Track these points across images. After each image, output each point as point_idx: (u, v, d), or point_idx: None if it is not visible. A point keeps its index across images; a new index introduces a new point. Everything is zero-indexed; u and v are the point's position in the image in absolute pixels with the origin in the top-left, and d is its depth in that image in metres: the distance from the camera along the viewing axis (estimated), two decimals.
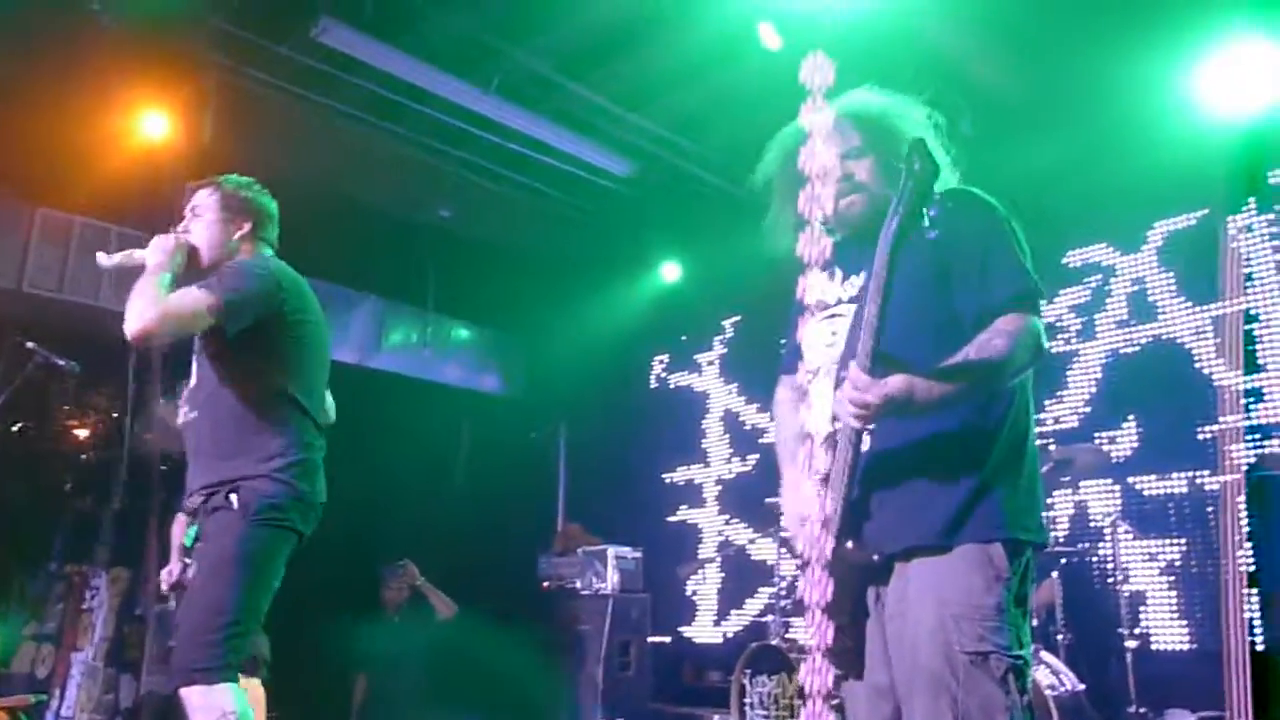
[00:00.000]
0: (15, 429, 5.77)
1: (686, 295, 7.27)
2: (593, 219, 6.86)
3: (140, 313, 2.55)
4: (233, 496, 2.62)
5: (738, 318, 7.23)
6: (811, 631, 1.99)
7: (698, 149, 6.06)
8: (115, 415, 6.26)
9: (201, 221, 2.97)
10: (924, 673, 1.87)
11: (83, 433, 6.65)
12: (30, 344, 3.86)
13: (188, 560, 3.55)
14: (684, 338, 7.59)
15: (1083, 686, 4.08)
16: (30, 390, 4.07)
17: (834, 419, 2.01)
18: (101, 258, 2.96)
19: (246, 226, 3.06)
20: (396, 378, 7.12)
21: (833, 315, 2.18)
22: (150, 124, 5.20)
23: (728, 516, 6.94)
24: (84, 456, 6.58)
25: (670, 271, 7.29)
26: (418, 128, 5.76)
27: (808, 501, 2.16)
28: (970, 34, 4.61)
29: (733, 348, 7.27)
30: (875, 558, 1.97)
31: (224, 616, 2.49)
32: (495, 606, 6.47)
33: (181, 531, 4.36)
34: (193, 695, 2.43)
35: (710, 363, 7.40)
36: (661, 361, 7.76)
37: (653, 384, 7.79)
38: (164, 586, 4.17)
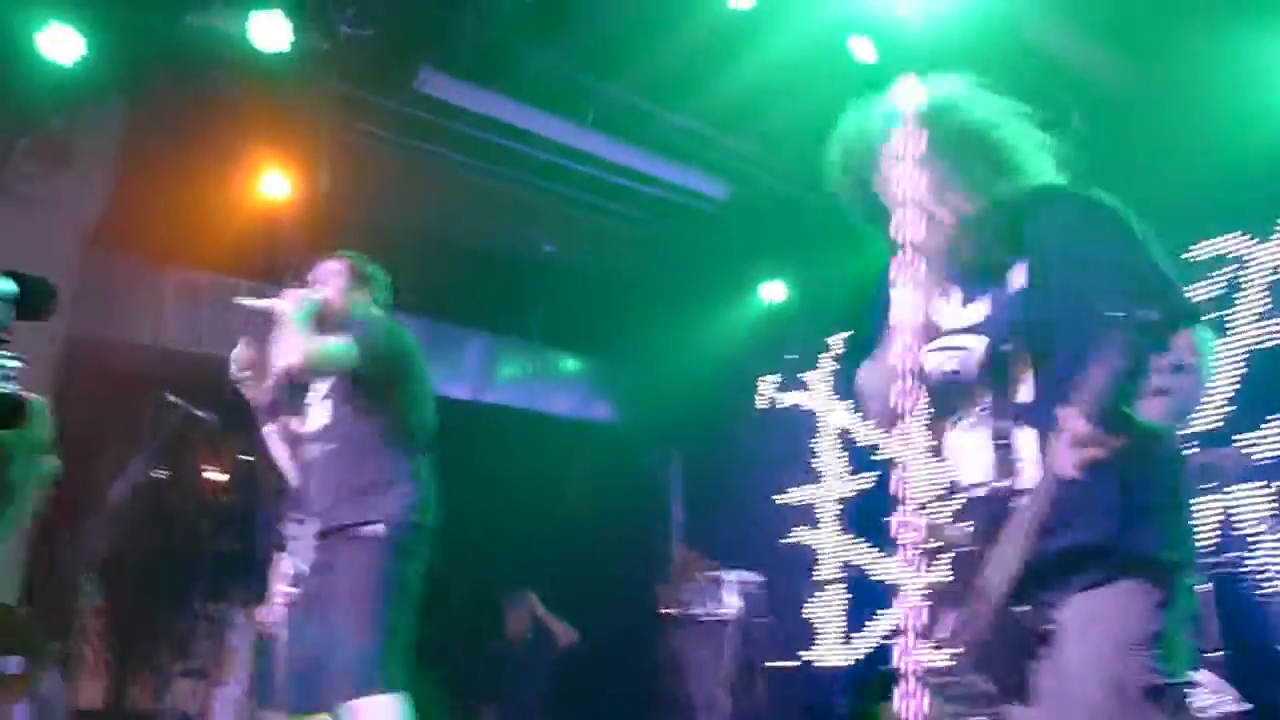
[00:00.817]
0: (158, 478, 6.03)
1: (791, 314, 7.15)
2: (693, 244, 6.83)
3: (289, 351, 2.90)
4: (377, 528, 2.92)
5: (846, 333, 7.08)
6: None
7: (793, 167, 5.97)
8: (249, 459, 6.50)
9: (331, 286, 3.40)
10: (1088, 710, 1.75)
11: (219, 478, 6.90)
12: (172, 398, 4.04)
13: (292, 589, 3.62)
14: (791, 357, 7.46)
15: (1248, 706, 3.80)
16: (171, 441, 4.24)
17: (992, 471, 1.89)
18: (244, 300, 3.27)
19: (366, 292, 3.55)
20: (508, 410, 7.20)
21: (954, 349, 2.01)
22: (271, 183, 5.41)
23: (847, 537, 6.76)
24: (221, 500, 6.83)
25: (774, 291, 7.20)
26: (518, 166, 5.84)
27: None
28: (1073, 25, 4.42)
29: (842, 364, 7.11)
30: (1048, 628, 1.84)
31: (381, 635, 2.77)
32: (615, 634, 6.46)
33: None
34: (368, 706, 2.65)
35: (820, 381, 7.25)
36: (770, 382, 7.65)
37: (762, 405, 7.68)
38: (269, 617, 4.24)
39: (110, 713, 6.78)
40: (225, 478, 6.93)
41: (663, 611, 6.32)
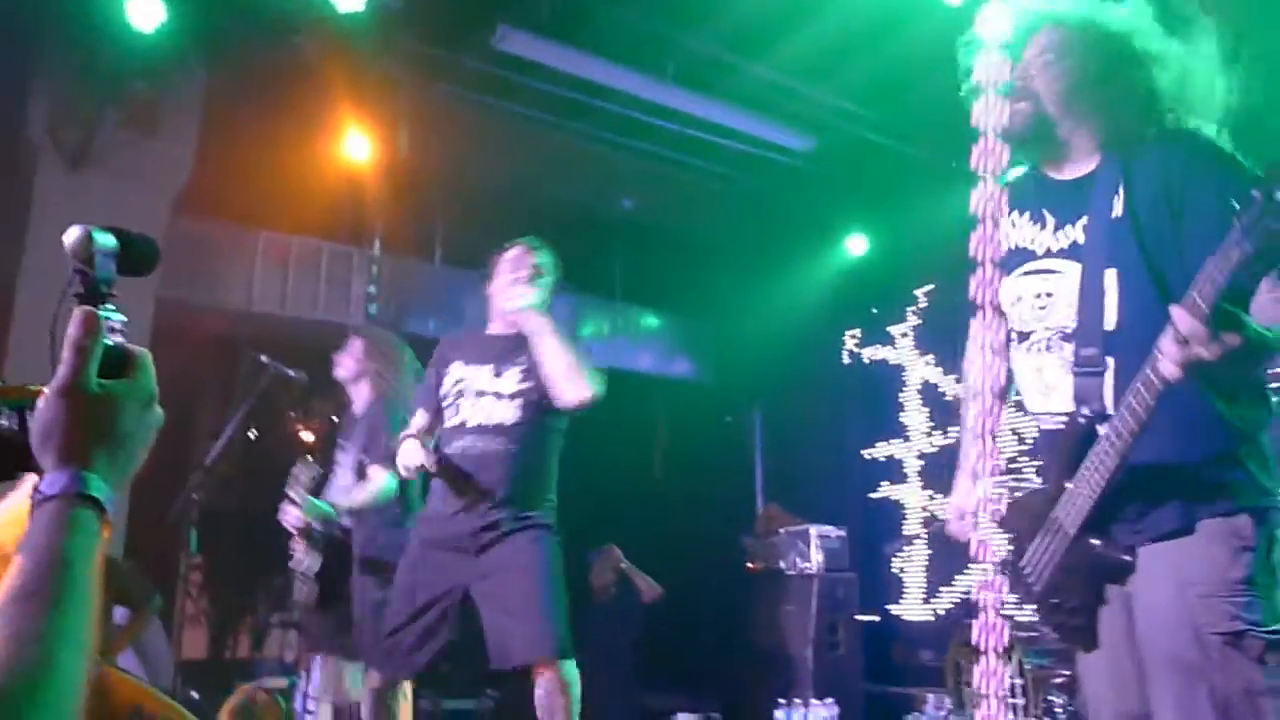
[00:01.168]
0: (252, 436, 6.25)
1: (875, 267, 7.06)
2: (775, 198, 6.76)
3: (585, 382, 3.21)
4: (549, 517, 3.27)
5: (930, 286, 6.96)
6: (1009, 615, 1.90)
7: (879, 117, 5.85)
8: (336, 419, 6.70)
9: (545, 283, 3.53)
10: (1170, 660, 1.73)
11: (309, 436, 7.13)
12: (264, 358, 4.18)
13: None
14: (875, 310, 7.38)
15: None
16: (263, 401, 4.40)
17: (1076, 400, 1.86)
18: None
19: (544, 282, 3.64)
20: (591, 369, 7.25)
21: (1042, 271, 1.98)
22: (352, 145, 5.50)
23: (931, 492, 6.71)
24: (311, 458, 7.07)
25: (857, 244, 7.11)
26: (597, 122, 5.84)
27: (971, 498, 2.13)
28: None
29: (927, 318, 7.00)
30: (1125, 558, 1.82)
31: (564, 606, 3.10)
32: (700, 588, 6.54)
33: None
34: (561, 668, 2.98)
35: (904, 334, 7.16)
36: (854, 336, 7.57)
37: (845, 360, 7.62)
38: None
39: (212, 662, 7.13)
40: (313, 437, 7.17)
41: (748, 566, 6.38)
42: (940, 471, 6.62)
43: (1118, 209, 1.88)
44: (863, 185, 6.50)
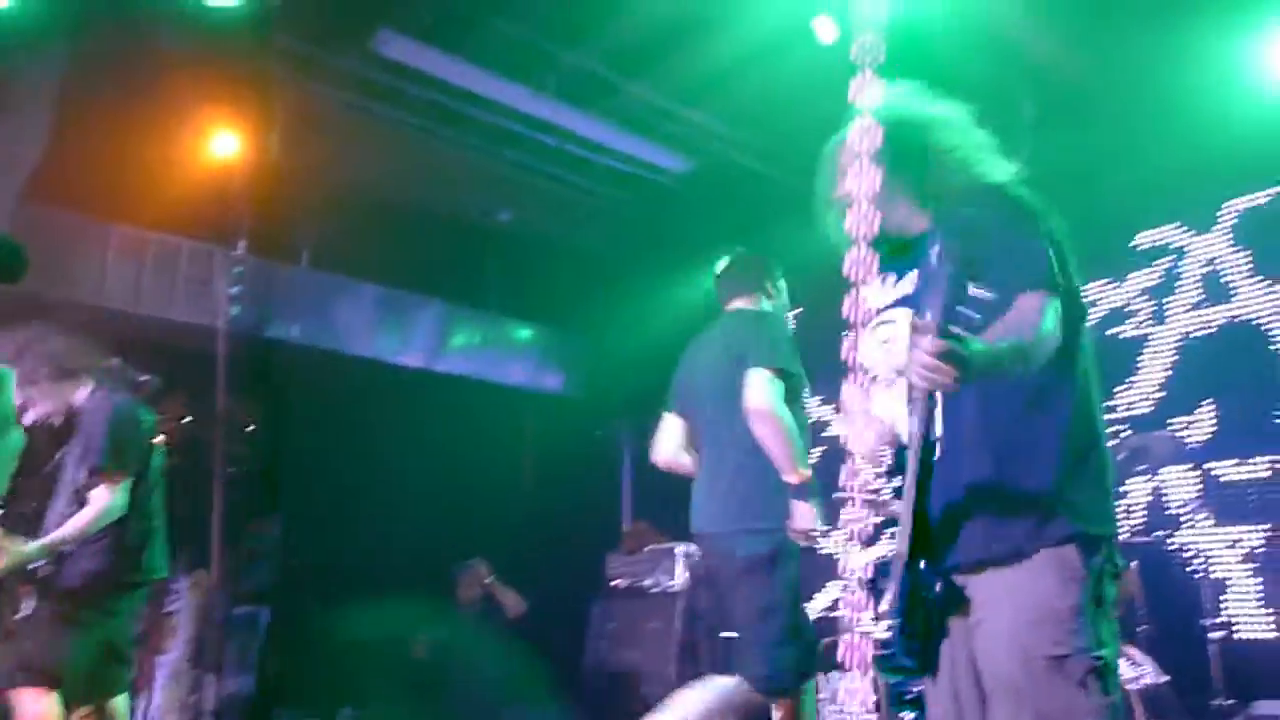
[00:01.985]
0: None
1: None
2: (650, 216, 6.94)
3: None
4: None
5: (798, 310, 7.24)
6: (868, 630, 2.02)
7: (754, 142, 6.11)
8: (188, 421, 6.50)
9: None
10: (1003, 682, 1.88)
11: (160, 440, 6.89)
12: (114, 360, 4.05)
13: None
14: None
15: (1166, 678, 4.06)
16: None
17: (910, 436, 2.02)
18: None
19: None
20: (462, 380, 7.28)
21: (885, 322, 2.22)
22: (219, 142, 5.40)
23: None
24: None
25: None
26: (477, 133, 5.90)
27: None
28: (1032, 16, 4.60)
29: (795, 341, 7.27)
30: (954, 578, 1.99)
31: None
32: (565, 605, 6.60)
33: None
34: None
35: None
36: None
37: None
38: None
39: None
40: (165, 439, 6.93)
41: (612, 583, 6.47)
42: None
43: (934, 259, 2.09)
44: (735, 208, 6.73)
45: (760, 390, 3.38)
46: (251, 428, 5.83)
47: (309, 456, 6.27)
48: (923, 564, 1.96)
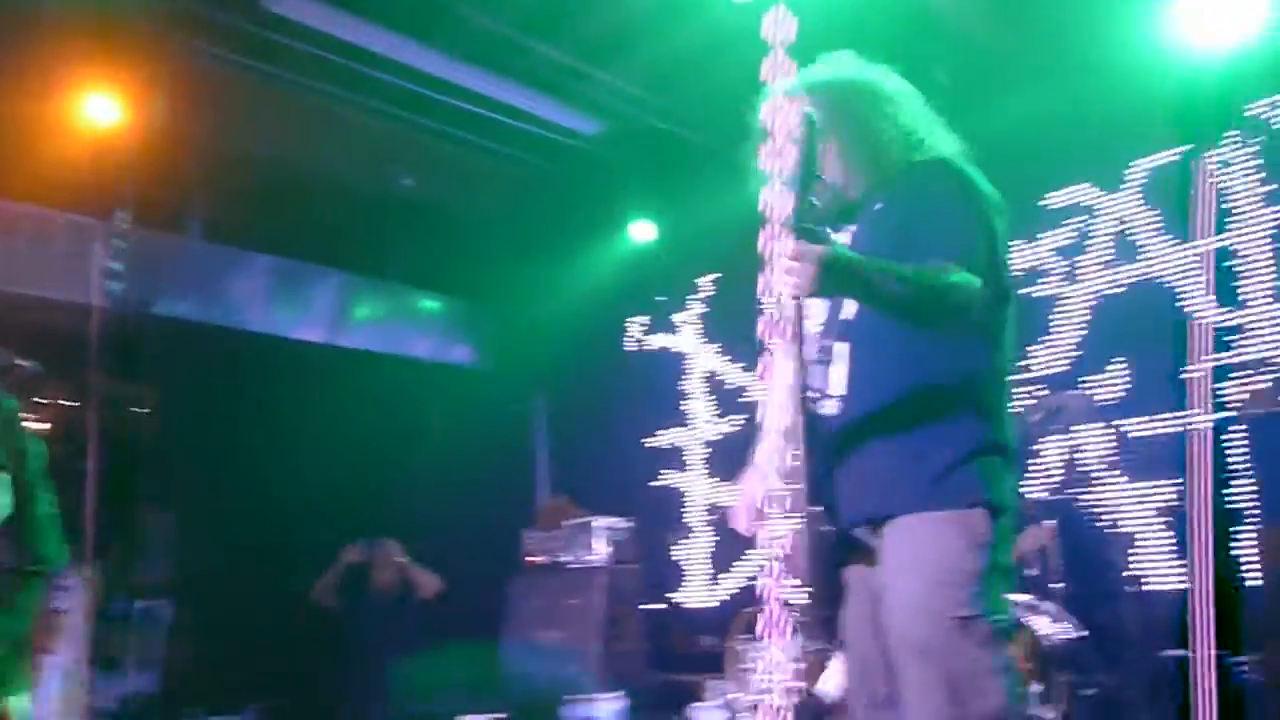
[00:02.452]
0: None
1: (661, 255, 7.33)
2: (562, 181, 6.91)
3: None
4: None
5: (716, 275, 7.32)
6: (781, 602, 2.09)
7: (667, 103, 6.11)
8: (75, 406, 6.29)
9: None
10: (910, 641, 1.97)
11: (41, 427, 6.65)
12: None
13: None
14: (661, 298, 7.67)
15: (1085, 633, 4.26)
16: None
17: (814, 389, 2.10)
18: None
19: None
20: (365, 354, 7.18)
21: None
22: (99, 106, 5.19)
23: (715, 479, 7.08)
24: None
25: (643, 231, 7.35)
26: (377, 95, 5.77)
27: (756, 492, 2.42)
28: None
29: (712, 306, 7.37)
30: (854, 531, 2.07)
31: None
32: (481, 585, 6.61)
33: None
34: None
35: (689, 323, 7.50)
36: (638, 324, 7.84)
37: (630, 347, 7.87)
38: None
39: None
40: (48, 427, 6.69)
41: (527, 560, 6.49)
42: (723, 459, 7.00)
43: (874, 223, 2.18)
44: (648, 172, 6.74)
45: None
46: (145, 410, 5.67)
47: (204, 439, 6.13)
48: (826, 525, 2.02)
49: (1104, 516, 4.96)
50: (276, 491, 6.16)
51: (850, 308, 2.13)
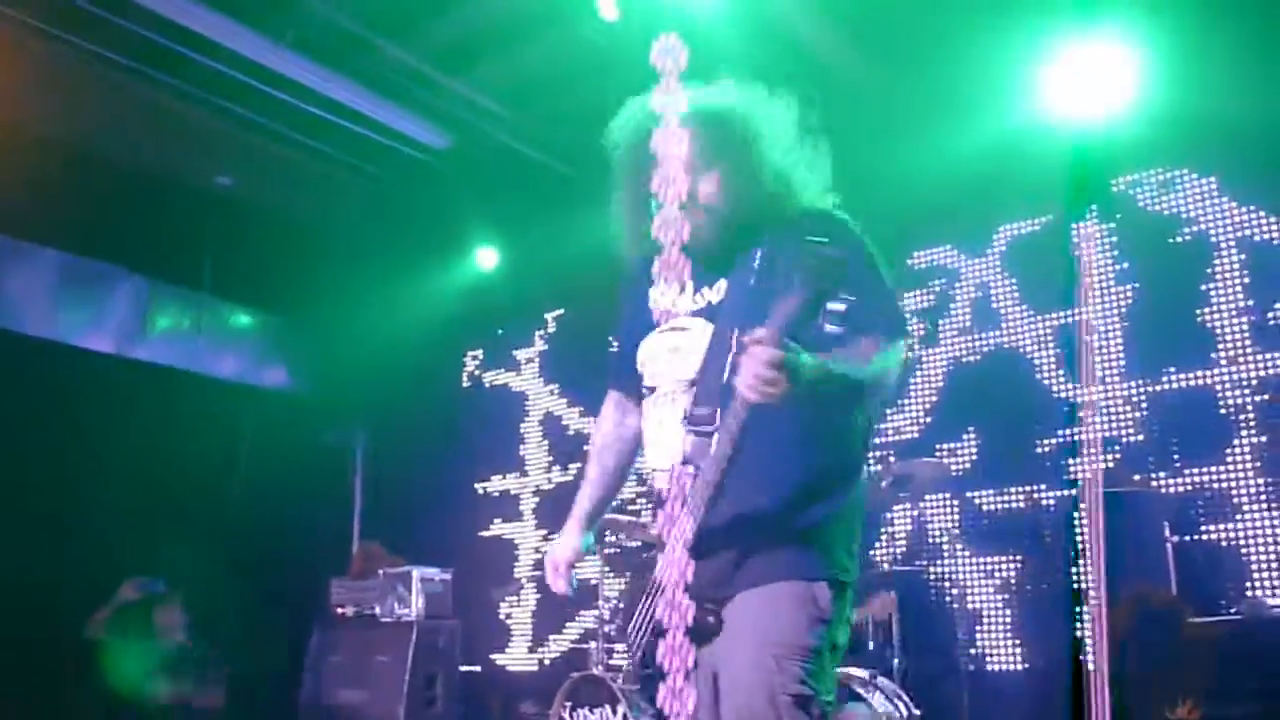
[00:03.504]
0: None
1: (504, 284, 7.25)
2: (400, 195, 6.78)
3: None
4: None
5: (560, 311, 7.28)
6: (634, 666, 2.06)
7: (522, 121, 6.06)
8: None
9: None
10: (745, 713, 1.97)
11: None
12: None
13: None
14: (501, 331, 7.58)
15: (919, 712, 4.33)
16: None
17: (684, 458, 2.08)
18: None
19: None
20: (163, 370, 6.85)
21: (677, 329, 2.23)
22: None
23: (546, 531, 6.98)
24: None
25: (487, 257, 7.26)
26: (195, 81, 5.53)
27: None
28: (821, 21, 4.81)
29: (555, 344, 7.31)
30: (708, 612, 2.05)
31: None
32: (282, 636, 6.32)
33: None
34: None
35: (529, 360, 7.42)
36: (475, 358, 7.72)
37: (465, 383, 7.74)
38: None
39: None
40: None
41: (337, 611, 6.25)
42: (557, 510, 6.90)
43: (753, 279, 2.16)
44: (497, 193, 6.67)
45: None
46: None
47: None
48: (677, 593, 2.01)
49: (948, 590, 5.09)
50: (49, 521, 5.78)
51: (729, 372, 2.07)
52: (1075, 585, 4.84)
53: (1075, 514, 4.97)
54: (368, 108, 5.79)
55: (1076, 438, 5.08)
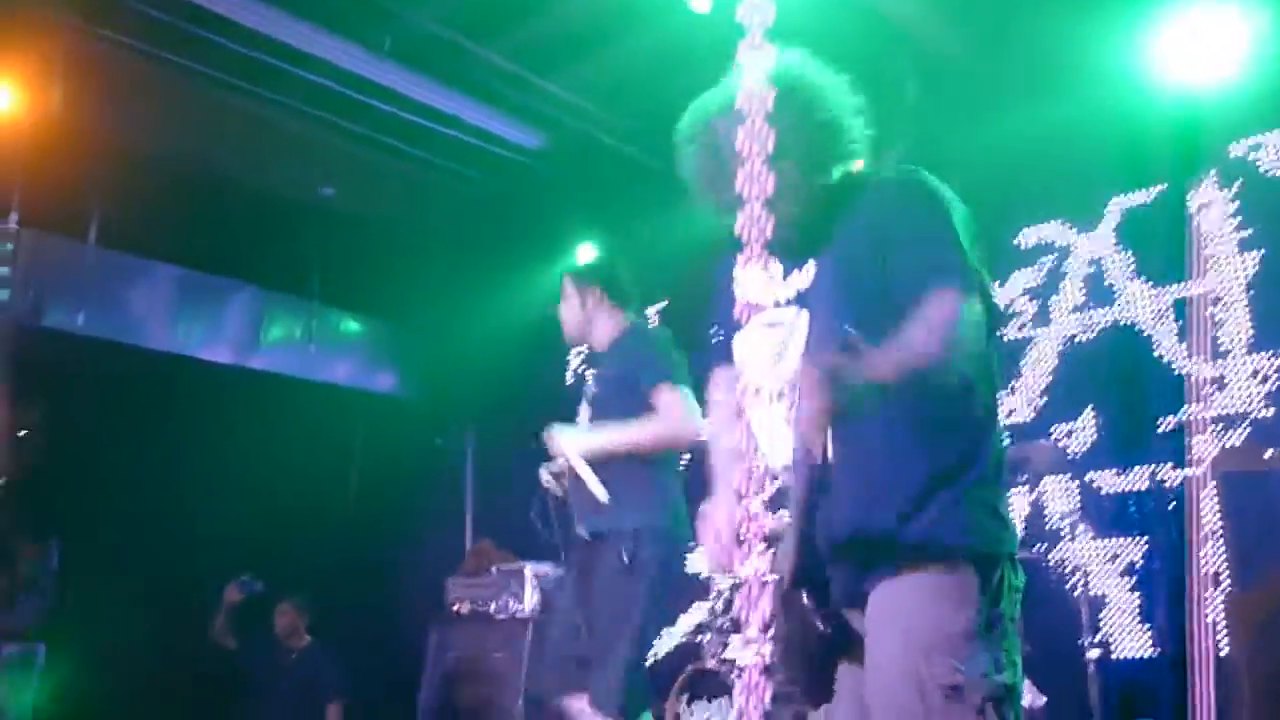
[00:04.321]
0: None
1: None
2: (499, 197, 6.87)
3: None
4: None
5: (662, 304, 7.30)
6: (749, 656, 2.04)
7: (617, 119, 6.11)
8: None
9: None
10: (896, 711, 1.94)
11: None
12: None
13: None
14: None
15: (1043, 700, 4.26)
16: None
17: (798, 452, 2.07)
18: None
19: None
20: (277, 378, 7.07)
21: (774, 324, 2.22)
22: None
23: None
24: None
25: (587, 255, 7.33)
26: (299, 95, 5.70)
27: (727, 519, 2.22)
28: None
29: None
30: (823, 627, 2.04)
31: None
32: (398, 634, 6.49)
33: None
34: None
35: None
36: (579, 356, 7.79)
37: (569, 380, 7.82)
38: None
39: None
40: None
41: (453, 610, 6.38)
42: None
43: (834, 260, 2.15)
44: (594, 190, 6.72)
45: None
46: (23, 433, 5.51)
47: (94, 467, 5.97)
48: (805, 589, 2.01)
49: (1069, 575, 4.99)
50: (173, 526, 6.03)
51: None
52: (1204, 569, 4.70)
53: (1202, 495, 4.83)
54: (463, 112, 5.91)
55: (1201, 415, 4.93)
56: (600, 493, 3.38)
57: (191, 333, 6.72)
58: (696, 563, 6.34)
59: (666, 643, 6.77)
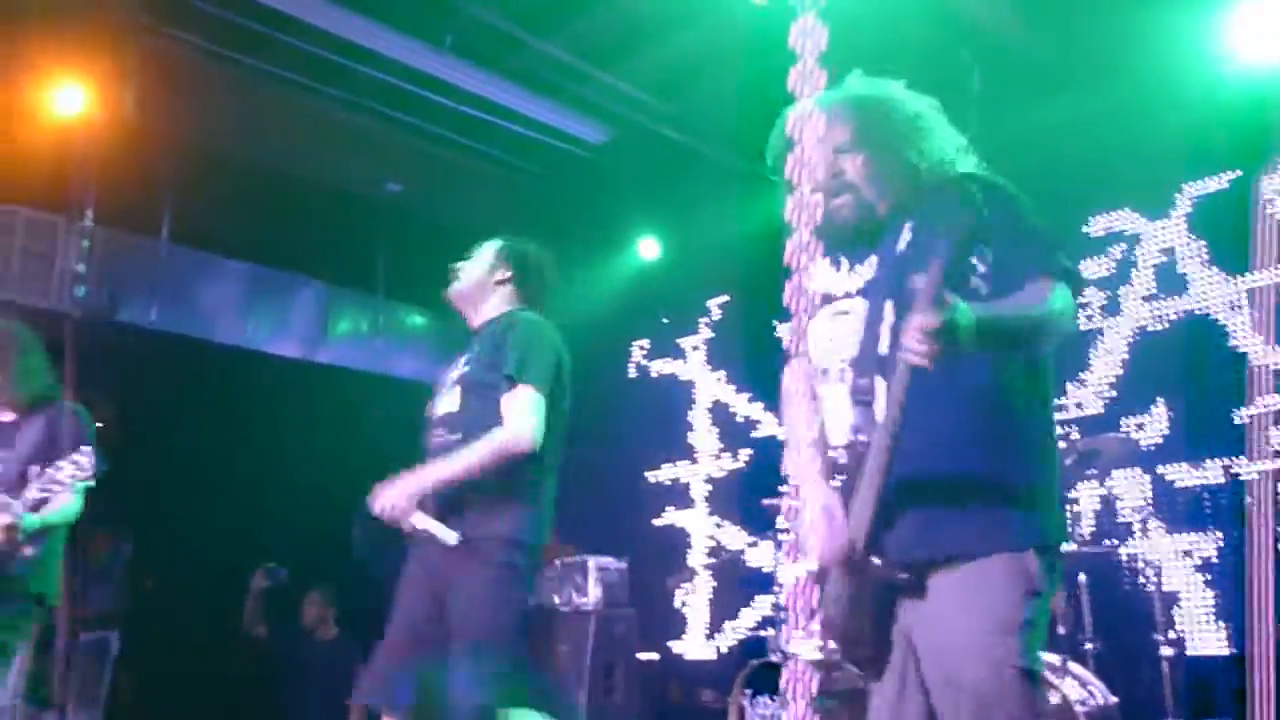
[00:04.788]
0: None
1: (667, 274, 7.33)
2: (561, 191, 6.92)
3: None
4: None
5: (725, 298, 7.31)
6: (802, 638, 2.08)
7: (678, 112, 6.12)
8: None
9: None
10: (969, 692, 1.97)
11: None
12: None
13: None
14: (666, 320, 7.65)
15: (1115, 699, 4.20)
16: None
17: (854, 430, 2.12)
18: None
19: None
20: (344, 372, 7.17)
21: (839, 313, 2.31)
22: (64, 95, 5.22)
23: (719, 519, 7.03)
24: None
25: (649, 248, 7.35)
26: (363, 92, 5.81)
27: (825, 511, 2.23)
28: None
29: (720, 330, 7.35)
30: (902, 576, 2.06)
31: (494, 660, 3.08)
32: None
33: None
34: None
35: (695, 348, 7.48)
36: (641, 348, 7.82)
37: (632, 373, 7.85)
38: None
39: None
40: None
41: None
42: (728, 497, 6.96)
43: (902, 246, 2.20)
44: (656, 184, 6.74)
45: None
46: (98, 425, 5.66)
47: (166, 459, 6.10)
48: (874, 559, 2.04)
49: (1141, 571, 4.91)
50: (242, 517, 6.14)
51: (886, 341, 2.14)
52: (1268, 565, 4.60)
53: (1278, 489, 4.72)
54: (526, 106, 5.96)
55: (1278, 407, 4.82)
56: (450, 537, 3.15)
57: (260, 327, 6.84)
58: (763, 556, 6.33)
59: (730, 636, 6.79)
